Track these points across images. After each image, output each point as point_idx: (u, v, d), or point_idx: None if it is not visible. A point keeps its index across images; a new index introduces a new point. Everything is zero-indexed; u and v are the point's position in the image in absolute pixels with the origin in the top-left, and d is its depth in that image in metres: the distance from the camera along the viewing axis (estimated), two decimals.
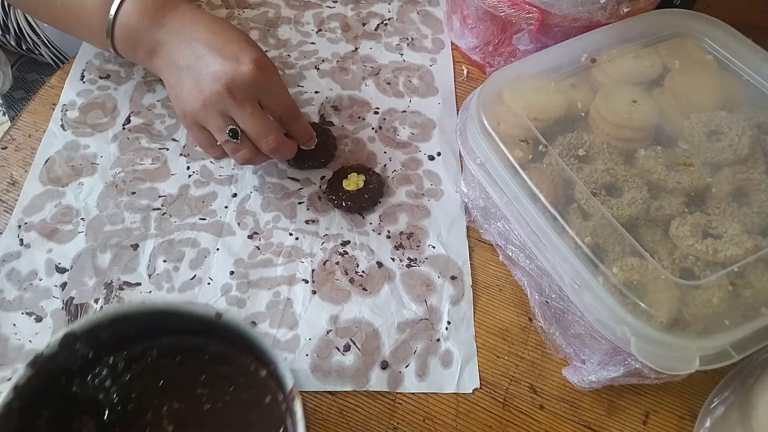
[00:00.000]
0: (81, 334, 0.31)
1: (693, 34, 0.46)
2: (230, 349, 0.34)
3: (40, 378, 0.30)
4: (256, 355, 0.33)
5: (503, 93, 0.42)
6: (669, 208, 0.38)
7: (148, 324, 0.33)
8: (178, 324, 0.33)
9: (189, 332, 0.34)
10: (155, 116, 0.54)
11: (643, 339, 0.32)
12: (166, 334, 0.34)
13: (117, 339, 0.33)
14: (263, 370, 0.33)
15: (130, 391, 0.33)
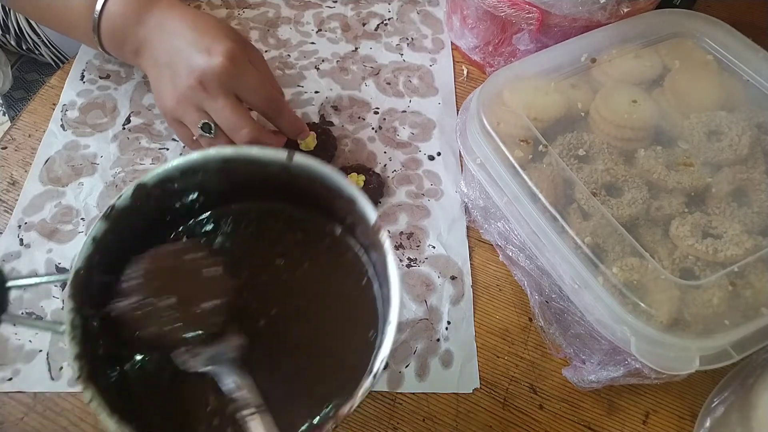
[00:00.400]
0: (152, 187, 0.30)
1: (693, 34, 0.46)
2: (304, 212, 0.33)
3: (115, 232, 0.29)
4: (330, 213, 0.32)
5: (503, 93, 0.42)
6: (669, 208, 0.38)
7: (218, 180, 0.32)
8: (247, 178, 0.32)
9: (260, 194, 0.33)
10: (155, 116, 0.54)
11: (643, 339, 0.32)
12: (236, 199, 0.33)
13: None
14: (338, 227, 0.32)
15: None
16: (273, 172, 0.32)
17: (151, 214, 0.32)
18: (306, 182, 0.32)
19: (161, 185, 0.31)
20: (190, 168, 0.31)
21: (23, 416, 0.39)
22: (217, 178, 0.32)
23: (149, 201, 0.31)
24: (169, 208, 0.33)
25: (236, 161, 0.32)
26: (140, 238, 0.31)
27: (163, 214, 0.33)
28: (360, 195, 0.30)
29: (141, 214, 0.31)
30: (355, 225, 0.32)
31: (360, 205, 0.30)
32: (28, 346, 0.42)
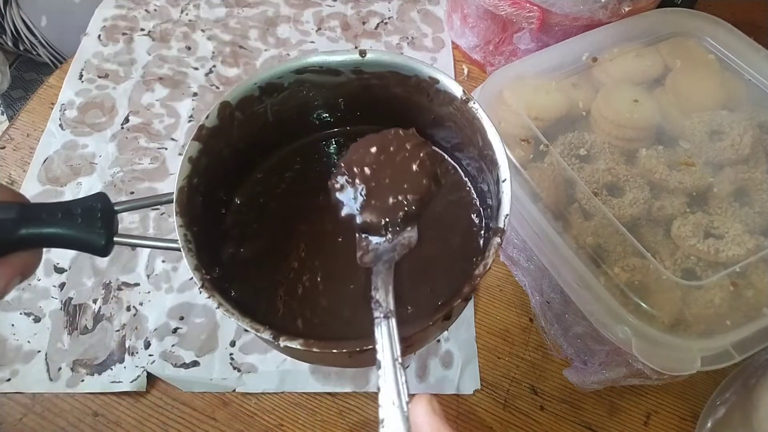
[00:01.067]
0: (236, 104, 0.31)
1: (694, 33, 0.46)
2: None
3: (209, 155, 0.29)
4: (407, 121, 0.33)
5: (504, 92, 0.42)
6: (670, 208, 0.38)
7: (295, 101, 0.32)
8: (322, 94, 0.33)
9: (339, 119, 0.34)
10: (154, 116, 0.54)
11: (644, 339, 0.32)
12: (316, 129, 0.35)
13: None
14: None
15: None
16: (346, 83, 0.32)
17: (240, 140, 0.32)
18: (380, 86, 0.32)
19: (242, 105, 0.31)
20: (268, 83, 0.31)
21: (22, 417, 0.39)
22: (294, 99, 0.33)
23: (233, 122, 0.31)
24: (255, 137, 0.33)
25: (308, 70, 0.32)
26: (233, 167, 0.32)
27: (250, 143, 0.33)
28: (440, 72, 0.31)
29: (229, 138, 0.31)
30: (440, 116, 0.32)
31: (444, 82, 0.31)
32: (27, 347, 0.42)
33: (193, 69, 0.57)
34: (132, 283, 0.45)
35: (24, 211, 0.25)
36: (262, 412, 0.40)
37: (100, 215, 0.26)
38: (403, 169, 0.29)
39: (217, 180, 0.31)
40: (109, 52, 0.58)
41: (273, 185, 0.34)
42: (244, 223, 0.32)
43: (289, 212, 0.33)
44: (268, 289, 0.30)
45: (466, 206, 0.33)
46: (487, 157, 0.30)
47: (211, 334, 0.42)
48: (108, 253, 0.26)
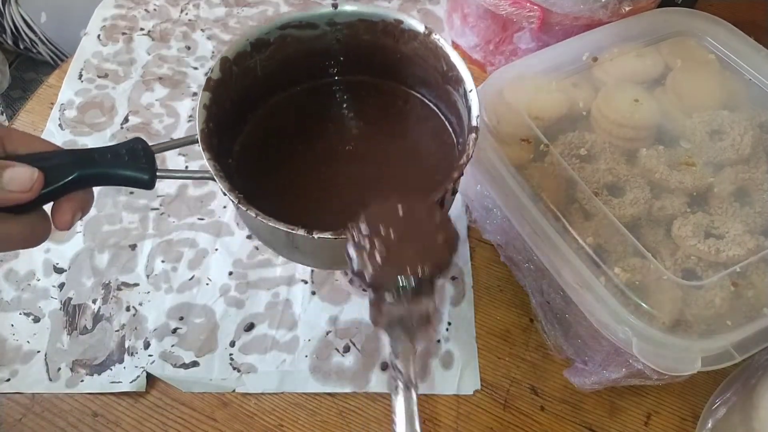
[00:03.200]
0: (233, 59, 0.35)
1: (695, 33, 0.46)
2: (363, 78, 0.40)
3: (218, 103, 0.33)
4: (385, 71, 0.39)
5: (504, 92, 0.42)
6: (671, 208, 0.38)
7: (281, 56, 0.37)
8: (301, 54, 0.37)
9: (316, 74, 0.39)
10: (153, 115, 0.54)
11: (645, 340, 0.32)
12: (300, 81, 0.39)
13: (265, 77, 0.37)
14: (395, 84, 0.40)
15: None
16: (322, 35, 0.37)
17: (236, 92, 0.36)
18: (351, 35, 0.37)
19: (238, 60, 0.35)
20: (257, 39, 0.36)
21: (21, 417, 0.39)
22: (279, 54, 0.37)
23: (232, 76, 0.35)
24: (247, 90, 0.37)
25: (290, 25, 0.36)
26: (232, 117, 0.36)
27: (244, 96, 0.37)
28: (404, 14, 0.36)
29: (229, 90, 0.35)
30: (406, 56, 0.37)
31: (407, 22, 0.36)
32: (26, 347, 0.42)
33: (193, 69, 0.57)
34: (131, 283, 0.45)
35: (79, 155, 0.28)
36: (261, 412, 0.40)
37: (143, 154, 0.30)
38: (427, 238, 0.28)
39: (224, 128, 0.35)
40: (108, 51, 0.58)
41: (266, 132, 0.39)
42: (245, 165, 0.37)
43: (282, 151, 0.38)
44: (281, 208, 0.33)
45: (440, 131, 0.38)
46: (452, 78, 0.35)
47: (210, 335, 0.42)
48: (153, 185, 0.30)
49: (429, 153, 0.38)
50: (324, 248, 0.31)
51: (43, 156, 0.27)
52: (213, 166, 0.30)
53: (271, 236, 0.34)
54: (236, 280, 0.45)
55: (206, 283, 0.45)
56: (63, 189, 0.27)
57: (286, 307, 0.44)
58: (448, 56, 0.35)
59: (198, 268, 0.45)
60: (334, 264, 0.38)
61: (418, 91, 0.40)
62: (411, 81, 0.40)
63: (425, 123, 0.39)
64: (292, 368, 0.41)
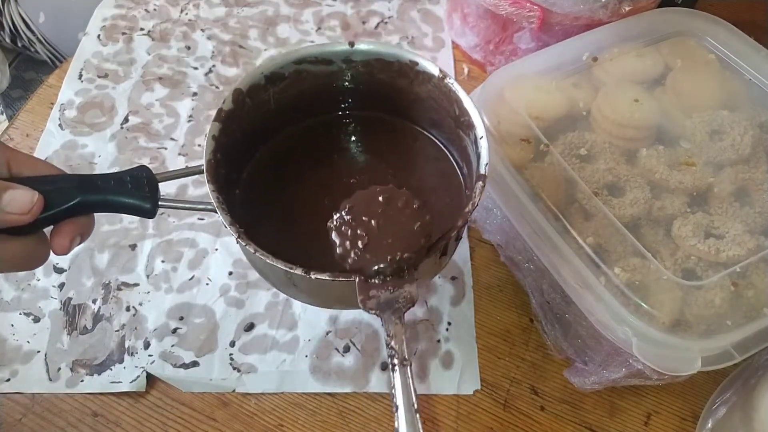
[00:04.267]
0: (246, 91, 0.35)
1: (695, 33, 0.46)
2: (374, 114, 0.40)
3: (227, 134, 0.34)
4: (397, 109, 0.39)
5: (504, 92, 0.42)
6: (671, 208, 0.38)
7: (294, 91, 0.37)
8: (315, 89, 0.37)
9: (327, 109, 0.40)
10: (153, 115, 0.54)
11: (644, 340, 0.32)
12: (308, 115, 0.39)
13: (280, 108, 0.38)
14: (406, 122, 0.40)
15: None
16: (337, 72, 0.37)
17: (248, 124, 0.36)
18: (366, 73, 0.37)
19: (251, 92, 0.35)
20: (272, 72, 0.36)
21: (21, 417, 0.39)
22: (293, 88, 0.37)
23: (244, 107, 0.35)
24: (260, 122, 0.37)
25: (306, 60, 0.36)
26: (242, 148, 0.36)
27: (256, 127, 0.37)
28: (419, 56, 0.36)
29: (240, 121, 0.35)
30: (420, 97, 0.38)
31: (422, 64, 0.36)
32: (26, 347, 0.42)
33: (193, 69, 0.57)
34: (131, 284, 0.45)
35: (82, 181, 0.29)
36: (261, 412, 0.40)
37: (146, 183, 0.30)
38: (404, 226, 0.30)
39: (232, 158, 0.35)
40: (108, 51, 0.58)
41: (274, 163, 0.39)
42: (251, 196, 0.37)
43: (289, 182, 0.38)
44: (283, 242, 0.33)
45: (449, 174, 0.38)
46: (464, 123, 0.35)
47: (210, 335, 0.42)
48: (155, 215, 0.30)
49: (436, 195, 0.38)
50: (322, 288, 0.32)
51: (46, 180, 0.28)
52: (216, 198, 0.30)
53: (270, 272, 0.34)
54: (236, 280, 0.45)
55: (206, 283, 0.45)
56: (63, 213, 0.27)
57: (286, 307, 0.44)
58: (461, 101, 0.35)
59: (198, 268, 0.45)
60: (334, 303, 0.37)
61: (431, 132, 0.40)
62: (424, 122, 0.40)
63: (435, 164, 0.39)
64: (292, 368, 0.41)
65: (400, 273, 0.30)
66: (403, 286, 0.29)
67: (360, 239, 0.30)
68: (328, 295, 0.34)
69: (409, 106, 0.39)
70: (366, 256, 0.29)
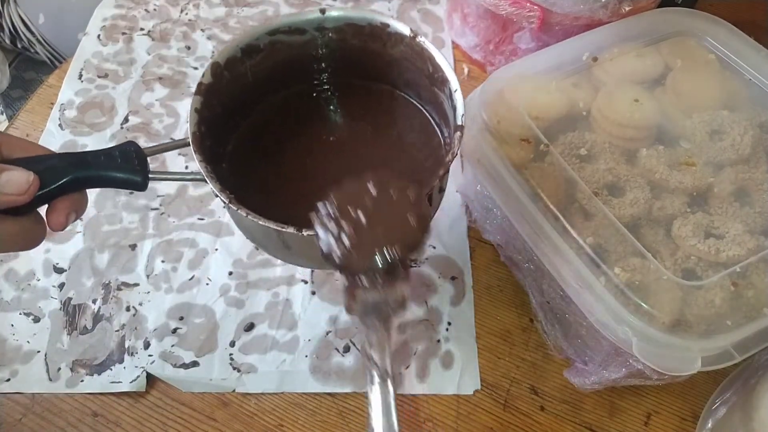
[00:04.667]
0: (224, 64, 0.35)
1: (695, 33, 0.46)
2: (350, 80, 0.40)
3: (209, 107, 0.34)
4: (372, 73, 0.40)
5: (504, 92, 0.42)
6: (671, 208, 0.38)
7: (271, 62, 0.37)
8: (289, 58, 0.38)
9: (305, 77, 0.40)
10: (153, 115, 0.54)
11: (644, 340, 0.32)
12: (290, 83, 0.40)
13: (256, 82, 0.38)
14: (384, 85, 0.40)
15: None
16: (311, 40, 0.38)
17: (227, 98, 0.36)
18: (339, 39, 0.38)
19: (229, 65, 0.35)
20: (247, 45, 0.36)
21: (21, 417, 0.39)
22: (269, 60, 0.37)
23: (223, 81, 0.35)
24: (238, 96, 0.37)
25: (279, 31, 0.37)
26: (230, 118, 0.37)
27: (235, 101, 0.37)
28: (389, 17, 0.36)
29: (220, 95, 0.35)
30: (394, 59, 0.38)
31: (393, 26, 0.36)
32: (26, 347, 0.42)
33: (193, 69, 0.57)
34: (131, 283, 0.45)
35: (73, 158, 0.29)
36: (261, 412, 0.40)
37: (135, 157, 0.30)
38: (399, 218, 0.28)
39: (216, 132, 0.35)
40: (108, 51, 0.58)
41: (257, 135, 0.39)
42: (238, 168, 0.37)
43: (273, 152, 0.38)
44: (273, 208, 0.33)
45: (428, 131, 0.39)
46: (438, 79, 0.36)
47: (210, 335, 0.42)
48: (146, 187, 0.30)
49: (418, 151, 0.39)
50: (314, 246, 0.31)
51: (38, 159, 0.28)
52: (204, 167, 0.31)
53: (264, 237, 0.34)
54: (236, 280, 0.45)
55: (206, 283, 0.45)
56: (58, 191, 0.28)
57: (286, 307, 0.44)
58: (433, 58, 0.35)
59: (198, 268, 0.45)
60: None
61: (407, 93, 0.40)
62: (400, 83, 0.40)
63: (414, 122, 0.40)
64: (292, 368, 0.41)
65: (393, 271, 0.27)
66: (395, 287, 0.27)
67: (347, 237, 0.27)
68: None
69: (384, 69, 0.39)
70: (351, 256, 0.27)
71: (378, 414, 0.23)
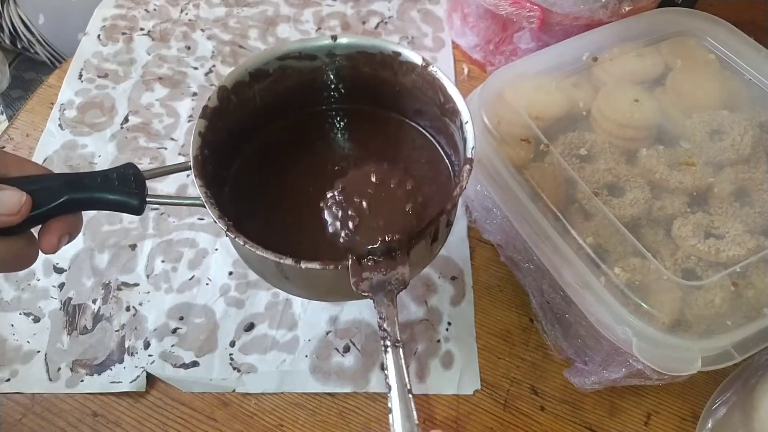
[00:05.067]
0: (231, 88, 0.35)
1: (695, 33, 0.46)
2: (361, 106, 0.40)
3: (214, 131, 0.33)
4: (382, 99, 0.39)
5: (504, 92, 0.42)
6: (671, 208, 0.38)
7: (280, 88, 0.37)
8: (299, 84, 0.37)
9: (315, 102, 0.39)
10: (153, 115, 0.54)
11: (644, 340, 0.32)
12: (299, 109, 0.39)
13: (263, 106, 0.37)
14: (392, 113, 0.40)
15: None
16: (321, 67, 0.37)
17: (234, 122, 0.36)
18: (350, 66, 0.37)
19: (236, 89, 0.35)
20: (256, 69, 0.36)
21: (21, 417, 0.39)
22: (278, 84, 0.37)
23: (230, 105, 0.35)
24: (246, 120, 0.37)
25: (289, 56, 0.36)
26: (228, 145, 0.36)
27: (242, 125, 0.37)
28: (401, 46, 0.36)
29: (227, 119, 0.35)
30: (405, 87, 0.38)
31: (405, 55, 0.36)
32: (26, 347, 0.42)
33: (193, 69, 0.57)
34: (131, 283, 0.45)
35: (69, 179, 0.29)
36: (261, 412, 0.40)
37: (133, 179, 0.30)
38: (396, 207, 0.31)
39: (220, 155, 0.34)
40: (108, 51, 0.58)
41: (262, 159, 0.38)
42: (240, 193, 0.37)
43: (277, 177, 0.38)
44: (273, 236, 0.33)
45: (437, 161, 0.39)
46: (449, 110, 0.35)
47: (210, 335, 0.42)
48: (142, 211, 0.30)
49: (425, 182, 0.38)
50: (313, 278, 0.31)
51: (33, 179, 0.28)
52: (204, 192, 0.30)
53: (262, 266, 0.34)
54: (236, 280, 0.45)
55: (206, 283, 0.45)
56: (51, 212, 0.27)
57: (286, 307, 0.44)
58: (445, 88, 0.35)
59: (198, 268, 0.45)
60: (326, 294, 0.37)
61: (417, 122, 0.40)
62: (410, 112, 0.40)
63: (422, 152, 0.39)
64: (292, 368, 0.41)
65: (392, 254, 0.29)
66: (396, 268, 0.29)
67: (351, 220, 0.30)
68: (320, 286, 0.34)
69: (395, 97, 0.39)
70: (356, 237, 0.30)
71: (393, 373, 0.27)
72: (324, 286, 0.34)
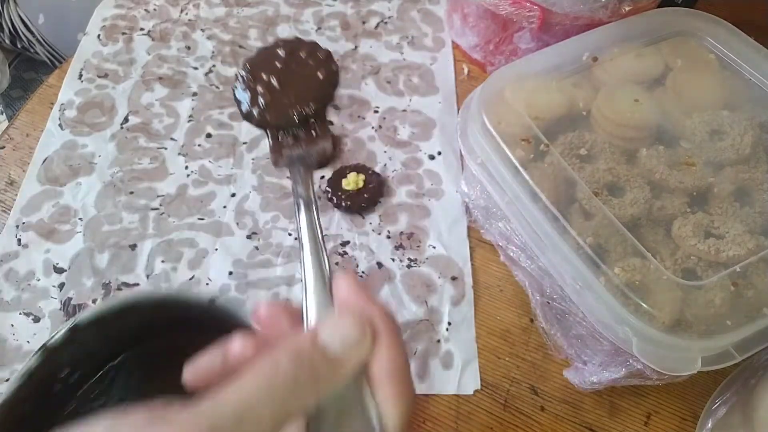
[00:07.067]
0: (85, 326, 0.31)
1: (695, 32, 0.46)
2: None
3: (45, 370, 0.30)
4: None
5: (504, 92, 0.42)
6: (671, 207, 0.38)
7: (145, 320, 0.33)
8: (174, 318, 0.33)
9: (185, 328, 0.33)
10: (153, 115, 0.54)
11: (644, 340, 0.32)
12: (163, 334, 0.33)
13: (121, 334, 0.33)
14: None
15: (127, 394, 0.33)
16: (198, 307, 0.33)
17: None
18: (228, 320, 0.32)
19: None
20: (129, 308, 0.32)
21: None
22: (140, 321, 0.33)
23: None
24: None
25: (166, 304, 0.33)
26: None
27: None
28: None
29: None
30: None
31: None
32: (26, 347, 0.42)
33: (193, 69, 0.57)
34: (131, 283, 0.45)
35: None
36: None
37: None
38: (309, 76, 0.30)
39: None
40: (108, 51, 0.58)
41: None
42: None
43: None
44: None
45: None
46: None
47: None
48: None
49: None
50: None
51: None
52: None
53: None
54: (236, 280, 0.45)
55: (206, 283, 0.45)
56: None
57: None
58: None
59: (198, 268, 0.45)
60: None
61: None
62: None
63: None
64: None
65: (309, 127, 0.29)
66: (317, 142, 0.29)
67: (262, 96, 0.29)
68: None
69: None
70: (267, 114, 0.29)
71: (305, 233, 0.25)
72: None
